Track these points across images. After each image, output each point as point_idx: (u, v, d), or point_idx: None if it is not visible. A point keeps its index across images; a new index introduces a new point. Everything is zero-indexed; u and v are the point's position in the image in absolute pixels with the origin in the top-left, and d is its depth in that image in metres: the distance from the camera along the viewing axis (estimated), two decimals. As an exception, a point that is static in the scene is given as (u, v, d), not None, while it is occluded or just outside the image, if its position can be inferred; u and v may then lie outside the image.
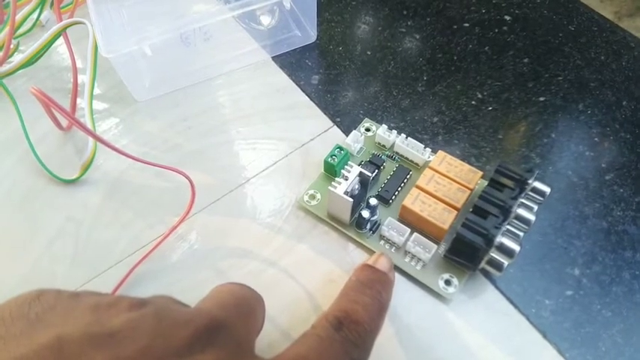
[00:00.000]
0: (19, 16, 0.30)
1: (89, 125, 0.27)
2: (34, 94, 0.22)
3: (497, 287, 0.23)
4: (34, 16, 0.32)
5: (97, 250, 0.24)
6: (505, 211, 0.21)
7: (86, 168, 0.26)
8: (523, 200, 0.23)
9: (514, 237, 0.22)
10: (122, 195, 0.26)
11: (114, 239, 0.25)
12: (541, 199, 0.23)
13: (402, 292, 0.23)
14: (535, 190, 0.23)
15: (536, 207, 0.23)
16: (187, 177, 0.23)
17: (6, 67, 0.29)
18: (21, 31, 0.32)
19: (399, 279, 0.23)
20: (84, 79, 0.28)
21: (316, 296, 0.23)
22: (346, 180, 0.23)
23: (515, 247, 0.21)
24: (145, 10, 0.31)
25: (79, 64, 0.30)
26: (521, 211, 0.22)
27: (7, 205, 0.26)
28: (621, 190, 0.26)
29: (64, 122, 0.28)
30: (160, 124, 0.29)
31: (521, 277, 0.23)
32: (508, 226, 0.22)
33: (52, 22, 0.33)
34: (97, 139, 0.21)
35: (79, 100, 0.29)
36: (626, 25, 0.35)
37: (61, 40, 0.29)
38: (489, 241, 0.21)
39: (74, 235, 0.25)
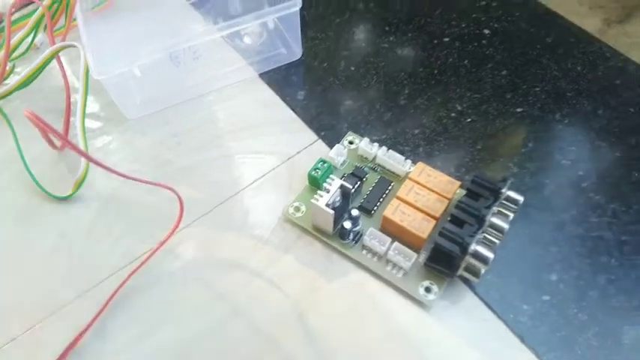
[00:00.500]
0: (14, 40, 0.31)
1: (81, 144, 0.28)
2: (28, 117, 0.23)
3: (476, 293, 0.24)
4: (29, 39, 0.33)
5: (89, 264, 0.25)
6: (480, 220, 0.22)
7: (79, 185, 0.27)
8: (499, 209, 0.24)
9: (489, 244, 0.22)
10: (114, 211, 0.27)
11: (105, 254, 0.25)
12: (515, 207, 0.24)
13: (384, 300, 0.24)
14: (509, 198, 0.24)
15: (512, 215, 0.24)
16: (175, 192, 0.24)
17: (2, 90, 0.30)
18: (16, 53, 0.33)
19: (381, 287, 0.24)
20: (77, 98, 0.29)
21: (301, 305, 0.24)
22: (328, 192, 0.24)
23: (489, 255, 0.21)
24: (135, 31, 0.32)
25: (73, 84, 0.31)
26: (495, 220, 0.23)
27: (1, 222, 0.27)
28: (597, 197, 0.27)
29: (58, 142, 0.29)
30: (150, 141, 0.30)
31: (500, 283, 0.24)
32: (484, 234, 0.23)
33: (46, 45, 0.34)
34: (88, 158, 0.22)
35: (72, 119, 0.30)
36: (615, 32, 0.36)
37: (56, 62, 0.30)
38: (464, 249, 0.21)
39: (67, 251, 0.26)
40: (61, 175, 0.28)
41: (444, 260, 0.22)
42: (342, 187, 0.24)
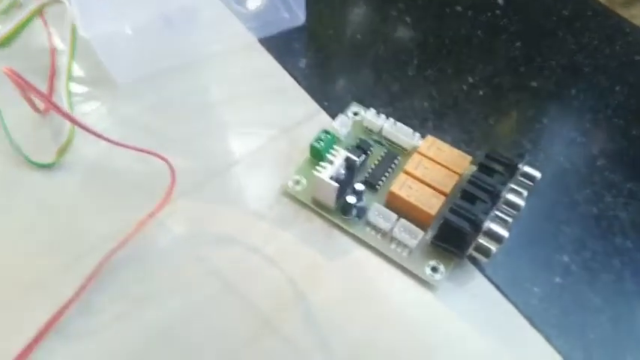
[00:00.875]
0: (-7, -5, 0.29)
1: (66, 108, 0.26)
2: (7, 74, 0.21)
3: (484, 274, 0.22)
4: (11, -6, 0.30)
5: (74, 236, 0.23)
6: (494, 197, 0.21)
7: (63, 152, 0.25)
8: (512, 185, 0.22)
9: (503, 222, 0.21)
10: (101, 180, 0.25)
11: (92, 225, 0.24)
12: (531, 184, 0.22)
13: (388, 280, 0.22)
14: (525, 174, 0.22)
15: (526, 192, 0.23)
16: (167, 161, 0.23)
17: (-20, 48, 0.28)
18: (-4, 10, 0.30)
19: (384, 266, 0.23)
20: (63, 60, 0.27)
21: (299, 283, 0.22)
22: (332, 164, 0.22)
23: (504, 233, 0.20)
24: (126, -12, 0.30)
25: (59, 45, 0.29)
26: (511, 197, 0.21)
27: (-20, 190, 0.25)
28: (612, 176, 0.26)
29: (41, 104, 0.27)
30: (141, 107, 0.28)
31: (509, 264, 0.23)
32: (497, 212, 0.22)
33: (30, 1, 0.32)
34: (73, 121, 0.21)
35: (56, 83, 0.28)
36: (620, 14, 0.34)
37: (40, 19, 0.28)
38: (477, 226, 0.20)
39: (50, 222, 0.24)
40: (43, 141, 0.26)
41: (454, 238, 0.21)
42: (347, 159, 0.22)
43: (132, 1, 0.26)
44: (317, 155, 0.25)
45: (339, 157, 0.22)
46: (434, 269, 0.22)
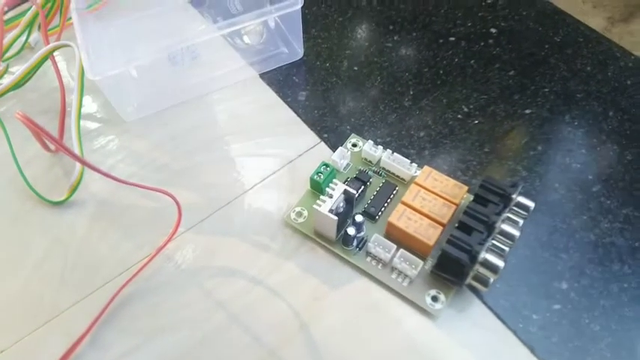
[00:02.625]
0: (7, 39, 0.30)
1: (76, 147, 0.27)
2: (20, 120, 0.22)
3: (484, 302, 0.23)
4: (23, 38, 0.32)
5: (84, 271, 0.24)
6: (489, 227, 0.21)
7: (74, 190, 0.26)
8: (508, 215, 0.23)
9: (499, 252, 0.21)
10: (110, 216, 0.26)
11: (101, 261, 0.25)
12: (525, 213, 0.23)
13: (389, 309, 0.23)
14: (519, 205, 0.23)
15: (521, 221, 0.23)
16: (173, 197, 0.23)
17: (-5, 90, 0.29)
18: (10, 53, 0.32)
19: (385, 295, 0.23)
20: (73, 99, 0.28)
21: (302, 314, 0.23)
22: (331, 198, 0.23)
23: (500, 263, 0.21)
24: (132, 31, 0.31)
25: (69, 84, 0.30)
26: (506, 227, 0.22)
27: (-5, 227, 0.26)
28: (608, 202, 0.26)
29: (52, 145, 0.28)
30: (148, 143, 0.29)
31: (509, 292, 0.23)
32: (493, 242, 0.22)
33: (41, 44, 0.33)
34: (83, 162, 0.22)
35: (67, 121, 0.29)
36: (619, 30, 0.35)
37: (50, 62, 0.29)
38: (473, 257, 0.20)
39: (62, 257, 0.25)
40: (55, 179, 0.28)
41: (452, 268, 0.22)
42: (345, 192, 0.23)
43: (137, 44, 0.28)
44: (317, 188, 0.26)
45: (337, 190, 0.23)
46: (434, 298, 0.22)
